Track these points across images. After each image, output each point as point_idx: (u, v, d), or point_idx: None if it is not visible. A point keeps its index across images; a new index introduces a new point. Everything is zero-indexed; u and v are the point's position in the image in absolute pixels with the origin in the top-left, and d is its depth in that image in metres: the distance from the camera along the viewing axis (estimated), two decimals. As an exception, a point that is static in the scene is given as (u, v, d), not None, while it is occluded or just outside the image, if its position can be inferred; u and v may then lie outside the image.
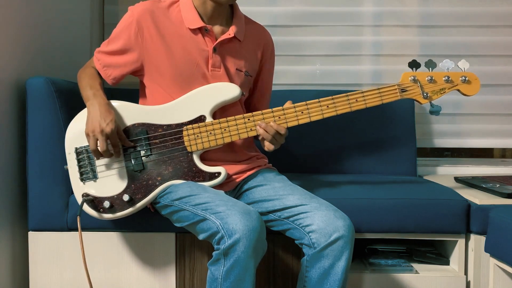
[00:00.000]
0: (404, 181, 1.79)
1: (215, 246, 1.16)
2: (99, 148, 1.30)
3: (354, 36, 2.21)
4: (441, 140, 2.21)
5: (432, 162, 2.24)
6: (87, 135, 1.31)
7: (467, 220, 1.52)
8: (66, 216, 1.51)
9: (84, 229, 1.42)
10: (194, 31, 1.39)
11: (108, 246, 1.52)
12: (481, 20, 2.18)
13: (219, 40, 1.38)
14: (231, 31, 1.40)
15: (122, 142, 1.34)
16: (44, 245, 1.52)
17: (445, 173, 2.14)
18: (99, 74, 1.44)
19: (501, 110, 2.19)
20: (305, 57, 2.21)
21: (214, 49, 1.39)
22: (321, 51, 2.21)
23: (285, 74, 2.19)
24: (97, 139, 1.29)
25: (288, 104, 1.35)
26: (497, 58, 2.18)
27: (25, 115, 1.53)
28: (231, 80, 1.41)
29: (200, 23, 1.38)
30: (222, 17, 1.42)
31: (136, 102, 1.44)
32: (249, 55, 1.46)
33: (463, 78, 1.36)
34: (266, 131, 1.32)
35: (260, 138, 1.36)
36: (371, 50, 2.21)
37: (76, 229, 1.37)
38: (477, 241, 1.51)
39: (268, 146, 1.34)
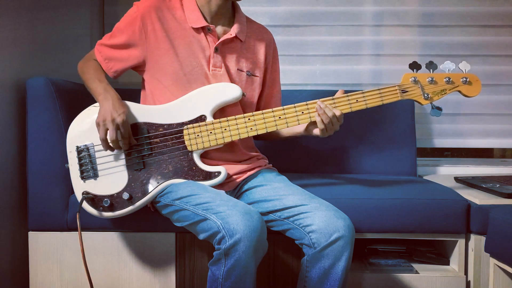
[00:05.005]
0: (404, 181, 1.79)
1: (216, 246, 1.16)
2: (108, 138, 1.30)
3: (354, 36, 2.21)
4: (441, 140, 2.21)
5: (432, 162, 2.24)
6: (98, 124, 1.31)
7: (467, 220, 1.52)
8: (66, 216, 1.51)
9: (84, 229, 1.42)
10: (197, 30, 1.39)
11: (108, 246, 1.52)
12: (481, 20, 2.18)
13: (220, 40, 1.39)
14: (233, 31, 1.40)
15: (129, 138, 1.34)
16: (44, 245, 1.52)
17: (445, 173, 2.14)
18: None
19: (501, 110, 2.20)
20: (305, 57, 2.21)
21: (216, 49, 1.39)
22: (321, 51, 2.21)
23: (285, 74, 2.19)
24: (107, 129, 1.29)
25: (339, 93, 1.35)
26: (497, 58, 2.18)
27: (25, 115, 1.53)
28: (231, 80, 1.41)
29: (203, 23, 1.38)
30: (224, 17, 1.42)
31: (137, 102, 1.44)
32: (250, 55, 1.46)
33: (464, 79, 1.36)
34: (322, 119, 1.32)
35: (317, 129, 1.35)
36: (371, 50, 2.21)
37: (76, 229, 1.37)
38: (477, 241, 1.51)
39: (322, 133, 1.34)
